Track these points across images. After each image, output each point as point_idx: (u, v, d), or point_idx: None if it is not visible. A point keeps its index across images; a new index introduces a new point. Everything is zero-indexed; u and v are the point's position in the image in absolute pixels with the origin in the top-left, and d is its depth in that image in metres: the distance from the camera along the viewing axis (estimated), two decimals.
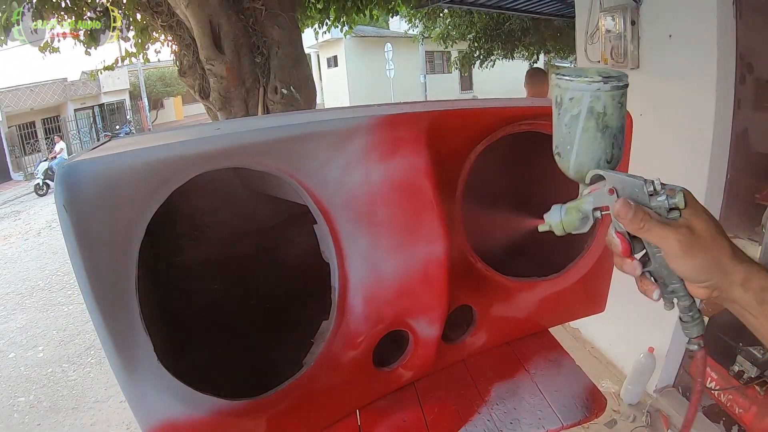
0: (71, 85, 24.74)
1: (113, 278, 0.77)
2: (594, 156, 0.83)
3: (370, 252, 1.01)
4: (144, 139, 0.97)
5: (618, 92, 0.81)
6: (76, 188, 0.73)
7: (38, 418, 5.00)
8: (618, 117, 0.82)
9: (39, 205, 16.00)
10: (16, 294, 8.49)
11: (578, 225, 0.86)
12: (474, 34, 15.39)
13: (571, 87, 0.83)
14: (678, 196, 0.77)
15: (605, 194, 0.82)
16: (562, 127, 0.85)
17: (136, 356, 0.82)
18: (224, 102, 4.58)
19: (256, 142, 0.91)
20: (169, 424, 0.87)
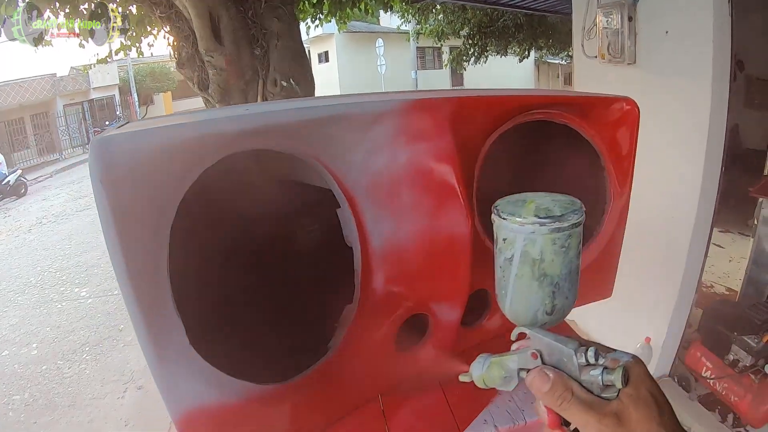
0: (60, 80, 24.55)
1: (147, 257, 0.77)
2: (530, 306, 0.76)
3: (393, 236, 1.02)
4: (170, 118, 0.97)
5: (561, 235, 0.72)
6: (113, 163, 0.72)
7: (34, 416, 4.99)
8: (560, 264, 0.73)
9: (29, 202, 15.88)
10: (8, 291, 8.46)
11: (500, 383, 0.77)
12: (468, 31, 15.43)
13: (503, 226, 0.75)
14: (616, 373, 0.67)
15: (529, 357, 0.74)
16: (498, 268, 0.79)
17: (167, 339, 0.82)
18: (223, 94, 4.58)
19: (286, 123, 0.90)
20: (200, 408, 0.88)
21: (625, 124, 1.29)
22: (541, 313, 0.76)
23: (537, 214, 0.72)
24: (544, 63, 28.55)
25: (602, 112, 1.28)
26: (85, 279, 8.44)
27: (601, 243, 1.40)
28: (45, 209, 14.33)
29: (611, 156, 1.31)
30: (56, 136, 23.94)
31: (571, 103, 1.26)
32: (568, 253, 0.73)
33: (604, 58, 3.51)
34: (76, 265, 9.18)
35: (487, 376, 0.78)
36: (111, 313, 7.03)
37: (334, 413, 1.08)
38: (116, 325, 6.64)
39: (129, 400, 5.03)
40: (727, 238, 4.84)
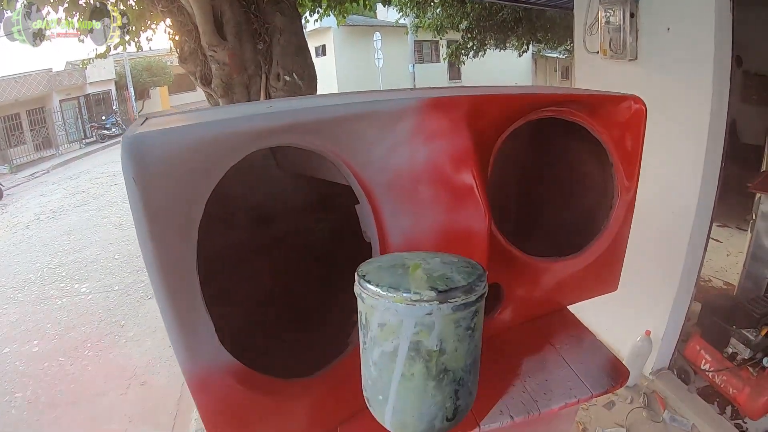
0: (56, 75, 24.44)
1: (177, 253, 0.78)
2: (423, 414, 0.56)
3: (410, 231, 1.04)
4: (190, 115, 0.99)
5: (467, 313, 0.52)
6: (145, 160, 0.73)
7: (37, 413, 4.95)
8: (466, 351, 0.54)
9: (26, 198, 15.80)
10: (8, 288, 8.38)
11: None
12: (467, 24, 15.42)
13: (379, 307, 0.53)
14: None
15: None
16: (369, 364, 0.58)
17: (197, 336, 0.83)
18: (226, 89, 4.58)
19: (312, 120, 0.91)
20: (228, 403, 0.90)
21: (633, 122, 1.31)
22: (439, 420, 0.57)
23: (433, 285, 0.51)
24: (542, 57, 28.53)
25: (611, 110, 1.31)
26: (84, 275, 8.40)
27: (608, 237, 1.43)
28: (42, 205, 14.23)
29: (619, 152, 1.33)
30: (53, 131, 23.83)
31: (581, 101, 1.28)
32: (474, 337, 0.55)
33: (606, 54, 3.53)
34: (75, 261, 9.14)
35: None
36: (112, 309, 6.99)
37: (354, 406, 1.10)
38: (117, 321, 6.62)
39: (132, 397, 5.00)
40: (724, 233, 4.88)
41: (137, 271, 8.19)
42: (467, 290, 0.51)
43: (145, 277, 7.63)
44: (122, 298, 7.28)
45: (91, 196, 14.38)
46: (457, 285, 0.51)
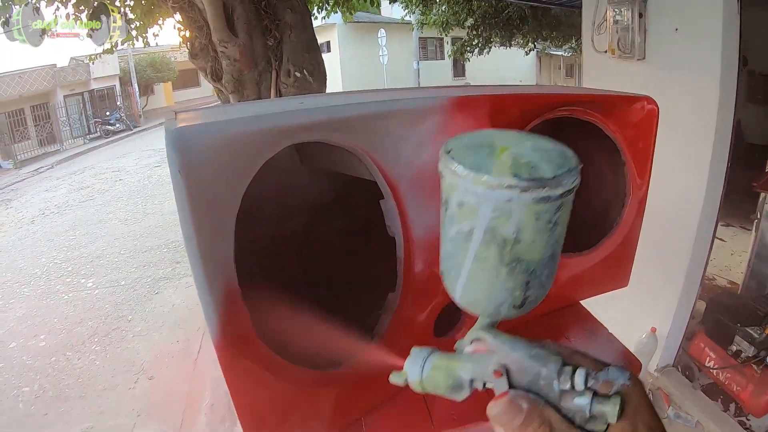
0: (60, 71, 24.46)
1: (219, 245, 0.81)
2: (492, 298, 0.56)
3: (434, 225, 1.06)
4: (222, 110, 1.01)
5: (549, 206, 0.50)
6: (191, 153, 0.75)
7: (44, 408, 5.01)
8: (542, 246, 0.53)
9: (31, 193, 15.87)
10: (14, 283, 8.45)
11: (445, 392, 0.60)
12: (473, 22, 15.45)
13: (460, 185, 0.51)
14: (611, 404, 0.51)
15: (489, 371, 0.56)
16: (447, 239, 0.57)
17: (235, 328, 0.85)
18: (237, 85, 4.61)
19: (345, 117, 0.94)
20: (264, 394, 0.92)
21: (645, 122, 1.33)
22: (506, 307, 0.57)
23: (516, 172, 0.49)
24: (546, 55, 28.53)
25: (625, 110, 1.33)
26: (91, 270, 8.45)
27: (621, 234, 1.46)
28: (47, 200, 14.29)
29: (632, 151, 1.36)
30: (57, 126, 23.87)
31: (596, 101, 1.31)
32: (554, 231, 0.52)
33: (614, 54, 3.55)
34: (81, 256, 9.19)
35: (429, 380, 0.61)
36: (119, 303, 7.04)
37: (379, 397, 1.13)
38: (125, 315, 6.67)
39: (140, 391, 5.04)
40: (729, 232, 4.89)
41: (144, 267, 8.24)
42: (552, 183, 0.49)
43: (151, 272, 7.81)
44: (129, 293, 7.32)
45: (96, 191, 14.43)
46: (542, 176, 0.49)
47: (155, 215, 11.11)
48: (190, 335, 5.97)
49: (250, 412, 0.91)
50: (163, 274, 7.87)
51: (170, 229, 9.90)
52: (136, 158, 18.73)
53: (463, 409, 1.15)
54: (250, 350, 0.88)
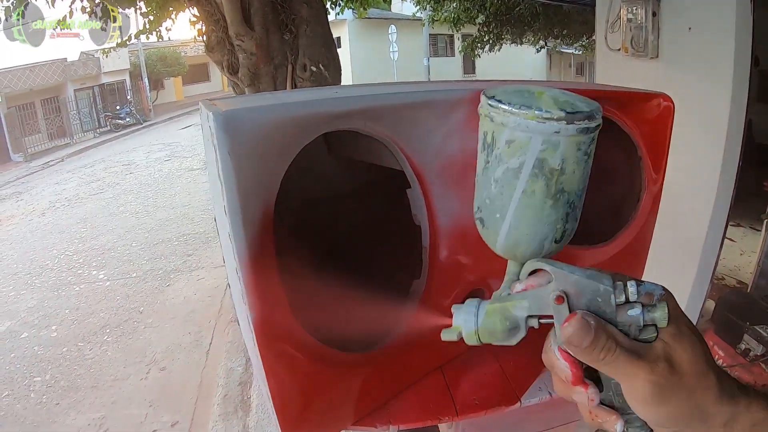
0: (71, 65, 24.62)
1: (260, 228, 0.83)
2: (536, 234, 0.60)
3: (459, 214, 1.09)
4: (259, 98, 1.04)
5: (587, 138, 0.56)
6: (240, 135, 0.77)
7: (56, 397, 5.04)
8: (580, 176, 0.58)
9: (41, 186, 15.98)
10: (25, 274, 8.51)
11: (502, 337, 0.62)
12: (484, 18, 15.42)
13: (511, 123, 0.56)
14: (660, 310, 0.55)
15: (549, 300, 0.57)
16: (490, 182, 0.61)
17: (274, 311, 0.88)
18: (253, 78, 4.63)
19: (377, 107, 0.97)
20: (300, 376, 0.95)
21: (661, 118, 1.36)
22: (548, 242, 0.61)
23: (561, 107, 0.55)
24: (556, 52, 28.45)
25: (641, 106, 1.36)
26: (102, 262, 8.50)
27: (636, 227, 1.48)
28: (57, 193, 14.39)
29: (648, 147, 1.39)
30: (67, 120, 24.02)
31: (613, 97, 1.34)
32: (588, 163, 0.59)
33: (627, 52, 3.56)
34: (91, 248, 9.25)
35: (485, 328, 0.62)
36: (130, 295, 7.08)
37: (404, 381, 1.17)
38: (136, 307, 6.71)
39: (152, 382, 5.08)
40: (738, 232, 4.88)
41: (155, 259, 8.29)
42: (590, 116, 0.55)
43: (163, 264, 7.86)
44: (140, 285, 7.37)
45: (106, 184, 14.51)
46: (581, 110, 0.55)
47: (166, 208, 11.17)
48: (201, 327, 6.01)
49: (284, 395, 0.94)
50: (174, 266, 7.92)
51: (181, 223, 9.99)
52: (146, 152, 18.81)
53: (486, 395, 1.20)
54: (287, 333, 0.91)
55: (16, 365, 5.73)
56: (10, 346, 6.16)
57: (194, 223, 9.88)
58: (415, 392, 1.17)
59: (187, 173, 14.54)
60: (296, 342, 0.92)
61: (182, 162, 16.15)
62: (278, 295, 0.88)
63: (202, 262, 7.95)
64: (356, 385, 1.07)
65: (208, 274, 7.48)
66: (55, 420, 4.68)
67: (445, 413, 1.14)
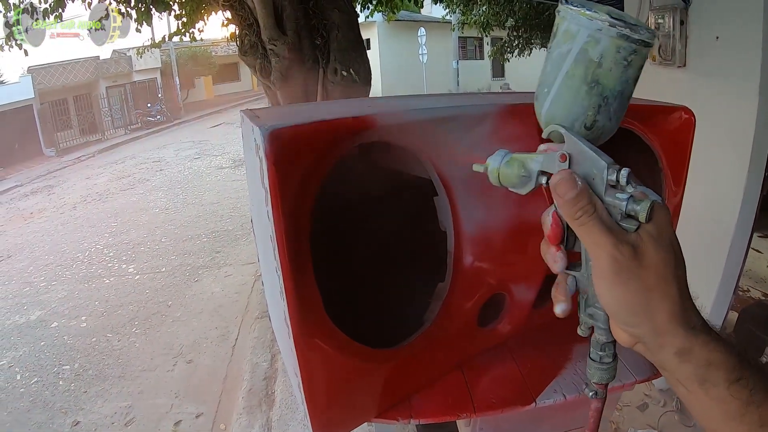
0: (103, 63, 25.07)
1: (299, 232, 0.90)
2: (570, 112, 0.68)
3: (484, 223, 1.15)
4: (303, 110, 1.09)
5: (626, 44, 0.64)
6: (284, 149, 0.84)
7: (84, 385, 5.14)
8: (617, 77, 0.66)
9: (72, 180, 16.29)
10: (56, 266, 8.67)
11: (515, 182, 0.72)
12: (513, 22, 15.38)
13: (568, 16, 0.67)
14: (643, 205, 0.62)
15: (556, 159, 0.68)
16: (548, 63, 0.71)
17: (307, 304, 0.93)
18: (284, 81, 4.72)
19: (407, 121, 1.04)
20: (331, 370, 1.01)
21: (682, 131, 1.40)
22: (579, 124, 0.68)
23: (610, 14, 0.64)
24: None
25: (663, 119, 1.40)
26: (132, 256, 8.63)
27: None
28: (89, 188, 14.64)
29: (668, 159, 1.43)
30: (99, 117, 24.46)
31: (636, 110, 1.37)
32: (627, 70, 0.66)
33: (655, 60, 3.56)
34: (122, 242, 9.40)
35: (503, 171, 0.73)
36: (159, 289, 7.18)
37: (425, 379, 1.22)
38: (165, 301, 6.80)
39: (179, 374, 5.16)
40: (765, 243, 4.86)
41: (184, 255, 8.42)
42: (632, 27, 0.63)
43: (191, 260, 7.99)
44: (169, 280, 7.47)
45: (136, 180, 14.73)
46: (625, 20, 0.64)
47: (195, 205, 11.31)
48: (228, 322, 6.09)
49: (315, 387, 1.00)
50: (203, 262, 8.01)
51: (210, 220, 10.10)
52: (176, 149, 19.04)
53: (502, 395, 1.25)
54: (321, 328, 0.97)
55: (46, 353, 5.85)
56: (40, 335, 6.29)
57: (223, 220, 9.99)
58: (436, 389, 1.22)
59: (216, 171, 14.69)
60: (328, 337, 0.98)
61: (212, 160, 16.33)
62: (313, 293, 0.94)
63: (230, 259, 8.03)
64: (381, 380, 1.12)
65: (236, 270, 7.55)
66: (82, 407, 4.77)
67: (463, 410, 1.19)
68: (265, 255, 1.05)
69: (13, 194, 15.71)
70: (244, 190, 9.30)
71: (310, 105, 1.15)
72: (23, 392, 5.13)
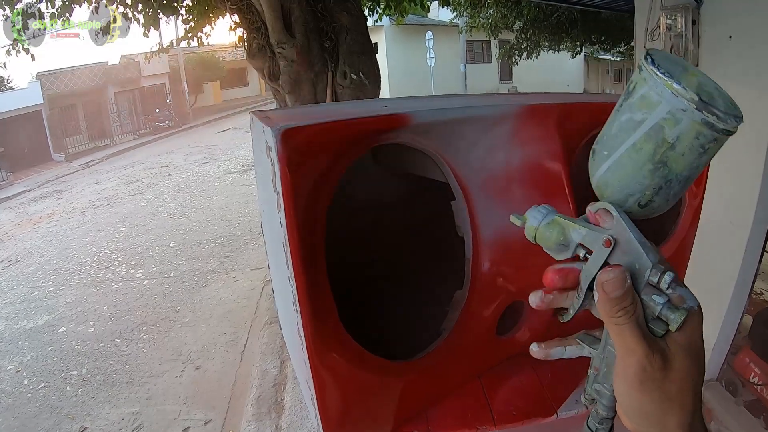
0: (112, 68, 25.23)
1: (314, 239, 0.86)
2: (626, 186, 0.63)
3: (502, 227, 1.10)
4: (315, 111, 1.06)
5: (708, 132, 0.58)
6: (298, 151, 0.81)
7: (92, 391, 5.12)
8: (688, 163, 0.60)
9: (81, 185, 16.34)
10: (64, 270, 8.69)
11: (551, 247, 0.69)
12: (521, 25, 15.35)
13: (650, 81, 0.60)
14: (677, 314, 0.59)
15: (600, 241, 0.63)
16: (614, 123, 0.65)
17: (321, 316, 0.90)
18: (293, 85, 4.69)
19: (424, 122, 0.99)
20: (343, 378, 0.97)
21: None
22: (633, 201, 0.63)
23: (699, 93, 0.57)
24: (594, 59, 28.12)
25: None
26: (140, 261, 8.62)
27: (677, 240, 1.48)
28: (97, 192, 14.69)
29: None
30: (107, 122, 24.57)
31: None
32: (701, 158, 0.60)
33: None
34: (130, 247, 9.40)
35: (541, 232, 0.69)
36: (167, 294, 7.16)
37: (443, 390, 1.18)
38: (173, 306, 6.78)
39: (187, 379, 5.13)
40: None
41: (192, 259, 8.39)
42: (721, 116, 0.57)
43: (200, 265, 7.95)
44: (177, 285, 7.45)
45: (145, 185, 14.75)
46: (717, 106, 0.57)
47: (204, 210, 11.29)
48: (237, 328, 6.05)
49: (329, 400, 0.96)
50: (211, 267, 7.98)
51: (218, 225, 10.07)
52: (184, 154, 19.06)
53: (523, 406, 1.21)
54: (336, 340, 0.93)
55: (54, 358, 5.85)
56: (48, 340, 6.30)
57: (231, 225, 9.96)
58: (453, 400, 1.18)
59: (224, 176, 14.67)
60: (344, 350, 0.95)
61: (220, 165, 16.32)
62: (328, 304, 0.90)
63: (239, 264, 8.00)
64: (398, 392, 1.09)
65: (245, 276, 7.51)
66: (89, 413, 4.76)
67: (482, 422, 1.15)
68: (276, 262, 1.02)
69: (22, 199, 15.80)
70: (253, 194, 9.26)
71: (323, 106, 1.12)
72: (30, 397, 5.13)
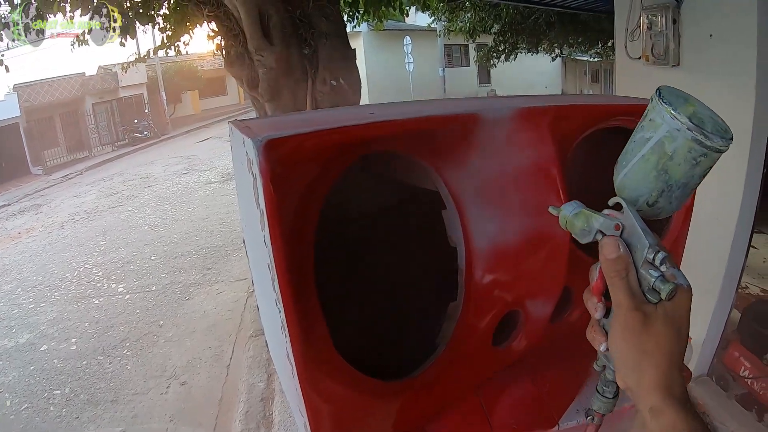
0: (89, 79, 24.98)
1: (301, 257, 0.82)
2: (637, 188, 0.80)
3: (495, 235, 1.08)
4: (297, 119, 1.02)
5: (697, 147, 0.74)
6: (282, 163, 0.78)
7: (76, 411, 5.04)
8: (684, 172, 0.76)
9: (60, 198, 16.16)
10: (44, 287, 8.56)
11: (578, 232, 0.83)
12: (499, 28, 15.43)
13: (656, 108, 0.77)
14: (666, 286, 0.73)
15: (612, 225, 0.80)
16: (632, 141, 0.81)
17: (312, 340, 0.86)
18: (273, 93, 4.66)
19: (413, 129, 0.97)
20: (337, 403, 0.94)
21: None
22: (643, 200, 0.80)
23: (691, 118, 0.74)
24: (571, 60, 28.38)
25: None
26: (121, 275, 8.51)
27: (670, 239, 1.47)
28: (76, 206, 14.50)
29: None
30: (85, 134, 24.33)
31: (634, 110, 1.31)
32: (694, 168, 0.77)
33: (648, 60, 3.53)
34: (111, 261, 9.28)
35: (571, 220, 0.83)
36: (150, 309, 7.06)
37: (440, 405, 1.14)
38: (156, 320, 6.68)
39: (173, 396, 5.05)
40: (761, 240, 4.83)
41: (174, 272, 8.29)
42: (708, 135, 0.73)
43: (182, 278, 7.86)
44: (160, 299, 7.35)
45: (125, 197, 14.60)
46: (704, 128, 0.73)
47: (185, 222, 11.19)
48: (222, 341, 5.97)
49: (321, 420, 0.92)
50: (194, 280, 7.88)
51: (200, 236, 9.98)
52: (163, 165, 18.92)
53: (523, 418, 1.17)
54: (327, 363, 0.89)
55: (36, 378, 5.74)
56: (29, 359, 6.18)
57: (213, 236, 9.87)
58: (451, 415, 1.15)
59: (204, 186, 14.58)
60: (337, 374, 0.91)
61: (200, 175, 16.20)
62: (319, 326, 0.87)
63: (222, 275, 7.92)
64: (394, 412, 1.05)
65: (228, 287, 7.44)
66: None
67: None
68: (261, 281, 0.97)
69: (0, 214, 15.53)
70: (234, 204, 9.21)
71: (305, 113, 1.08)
72: (13, 419, 5.02)
